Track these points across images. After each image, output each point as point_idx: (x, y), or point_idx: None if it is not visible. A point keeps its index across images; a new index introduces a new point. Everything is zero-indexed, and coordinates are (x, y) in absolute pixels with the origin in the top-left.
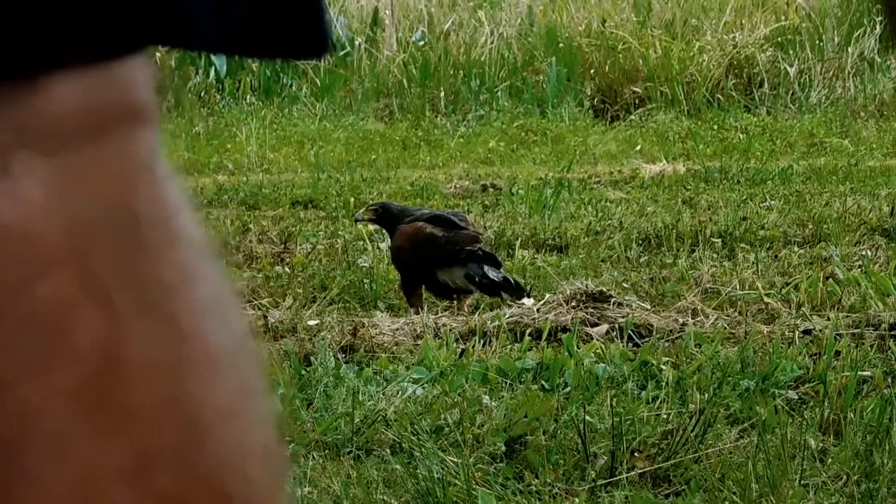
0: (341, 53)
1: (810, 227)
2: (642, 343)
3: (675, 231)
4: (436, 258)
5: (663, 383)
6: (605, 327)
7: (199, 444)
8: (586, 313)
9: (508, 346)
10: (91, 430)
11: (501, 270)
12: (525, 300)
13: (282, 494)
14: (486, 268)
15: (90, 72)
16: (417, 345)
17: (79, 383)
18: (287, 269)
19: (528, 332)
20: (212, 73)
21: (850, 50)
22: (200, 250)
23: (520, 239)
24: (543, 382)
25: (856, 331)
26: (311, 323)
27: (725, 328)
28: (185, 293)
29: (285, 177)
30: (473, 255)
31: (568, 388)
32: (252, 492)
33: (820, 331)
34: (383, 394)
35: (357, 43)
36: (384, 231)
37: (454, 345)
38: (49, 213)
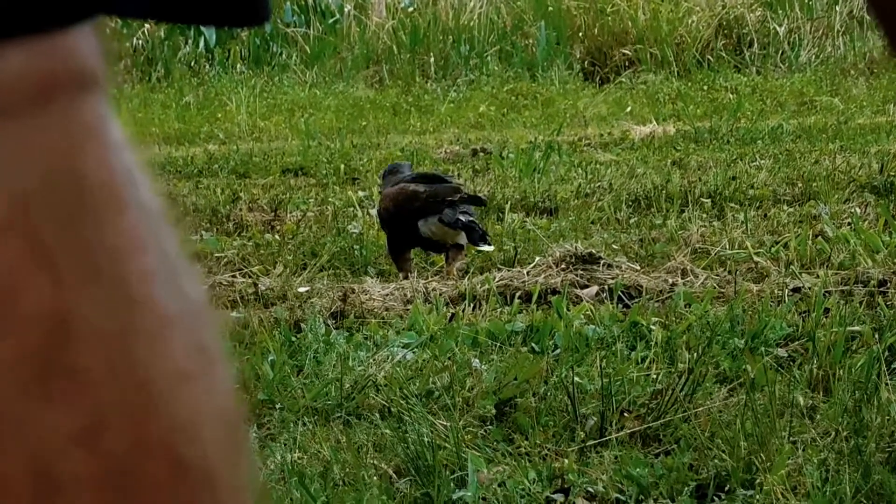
0: (330, 21)
1: (800, 185)
2: (632, 304)
3: (664, 192)
4: (417, 211)
5: (653, 343)
6: (594, 289)
7: (151, 409)
8: (576, 275)
9: (498, 310)
10: (41, 396)
11: (472, 213)
12: (483, 246)
13: (241, 458)
14: (459, 210)
15: (31, 41)
16: (407, 310)
17: (26, 350)
18: (277, 236)
19: (517, 294)
20: (201, 43)
21: (838, 8)
22: (152, 216)
23: (510, 202)
24: (533, 345)
25: (845, 288)
26: (302, 290)
27: (715, 288)
28: (135, 259)
29: (276, 145)
30: (453, 203)
31: (558, 350)
32: (206, 455)
33: (809, 288)
34: (373, 359)
35: (346, 10)
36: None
37: (444, 309)
38: None
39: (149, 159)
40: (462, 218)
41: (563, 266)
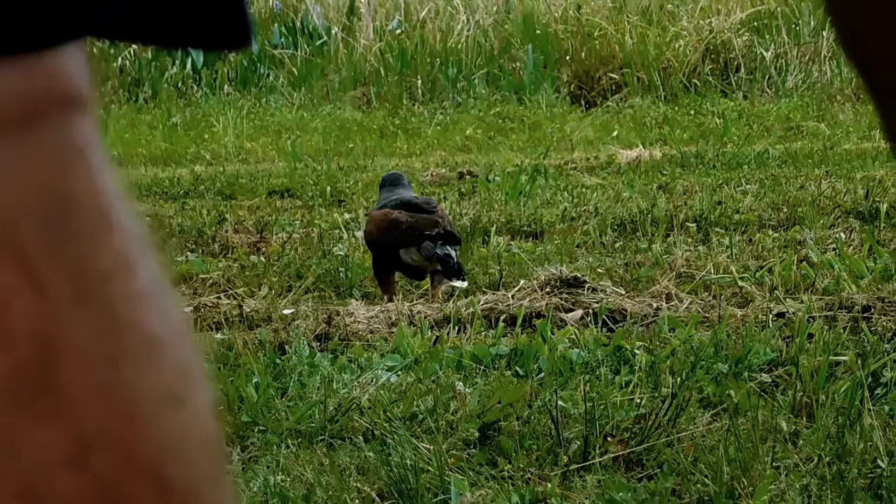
0: (318, 43)
1: (785, 210)
2: (616, 328)
3: (650, 216)
4: (399, 240)
5: (637, 368)
6: (579, 313)
7: (138, 431)
8: (561, 299)
9: (483, 333)
10: (29, 416)
11: (449, 249)
12: (456, 282)
13: (223, 480)
14: (439, 244)
15: (18, 60)
16: (392, 332)
17: (13, 368)
18: (263, 258)
19: (502, 318)
20: (189, 64)
21: (825, 34)
22: (136, 239)
23: (495, 225)
24: (517, 368)
25: (829, 313)
26: (287, 312)
27: (699, 312)
28: (122, 281)
29: (262, 166)
30: (432, 237)
31: (542, 374)
32: (191, 476)
33: (793, 314)
34: (357, 382)
35: (333, 32)
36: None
37: (428, 332)
38: None
39: (134, 180)
40: (439, 251)
41: (547, 290)
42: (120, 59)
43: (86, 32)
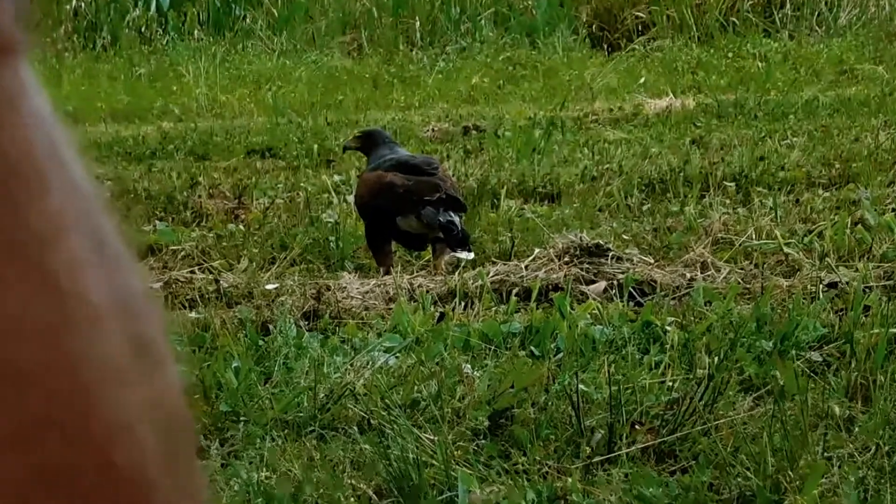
0: None
1: (837, 166)
2: (645, 301)
3: (682, 174)
4: (395, 207)
5: (668, 347)
6: (602, 285)
7: (87, 409)
8: (581, 269)
9: (493, 309)
10: None
11: (453, 215)
12: (461, 253)
13: (187, 468)
14: (441, 211)
15: None
16: (390, 309)
17: None
18: (242, 226)
19: (514, 291)
20: (153, 5)
21: None
22: (82, 199)
23: (506, 187)
24: (532, 348)
25: (888, 283)
26: (270, 287)
27: (739, 283)
28: (62, 245)
29: (239, 122)
30: (433, 202)
31: (560, 354)
32: (145, 462)
33: (847, 284)
34: (351, 365)
35: None
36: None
37: (431, 308)
38: None
39: (93, 139)
40: (441, 219)
41: (566, 259)
42: None
43: None
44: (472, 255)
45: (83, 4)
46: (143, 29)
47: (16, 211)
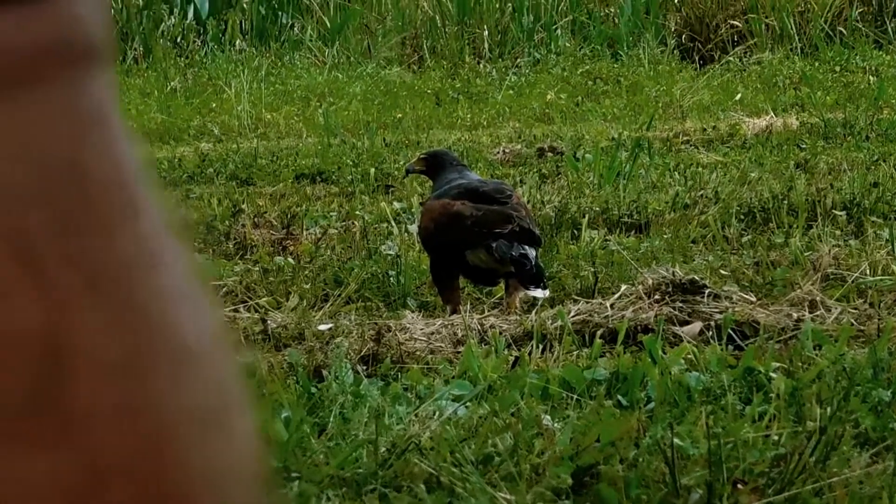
0: None
1: None
2: (746, 345)
3: (786, 202)
4: (463, 240)
5: (773, 396)
6: (697, 326)
7: (164, 457)
8: (673, 308)
9: (574, 353)
10: (29, 440)
11: (527, 249)
12: (535, 291)
13: None
14: (514, 244)
15: (24, 5)
16: (458, 352)
17: (12, 383)
18: (291, 259)
19: (599, 333)
20: (190, 13)
21: None
22: (163, 226)
23: (587, 216)
24: (620, 397)
25: None
26: (323, 327)
27: (852, 324)
28: (147, 274)
29: (286, 143)
30: (505, 235)
31: (651, 404)
32: None
33: None
34: (415, 415)
35: None
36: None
37: (505, 352)
38: None
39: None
40: (514, 253)
41: (656, 297)
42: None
43: None
44: (547, 293)
45: (113, 12)
46: (178, 39)
47: (99, 235)
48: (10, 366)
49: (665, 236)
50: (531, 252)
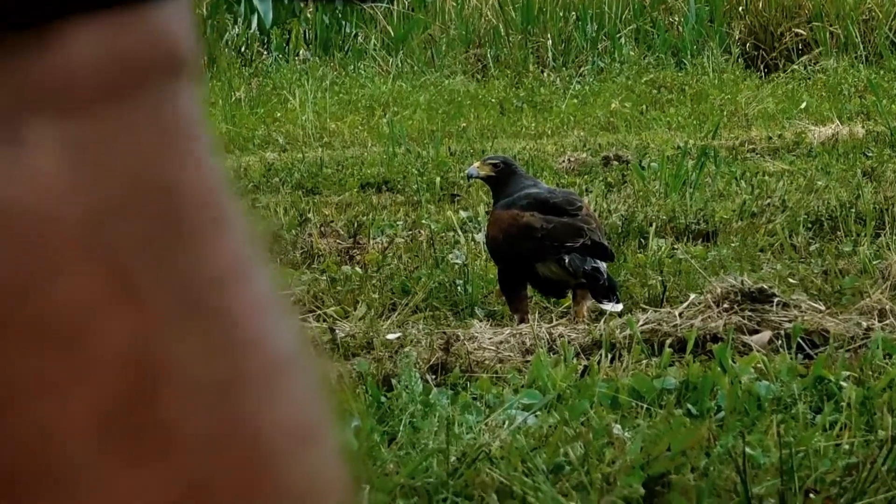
0: None
1: None
2: (816, 354)
3: (853, 211)
4: (533, 252)
5: (844, 405)
6: (767, 335)
7: (261, 475)
8: (742, 317)
9: (644, 362)
10: (123, 459)
11: (599, 263)
12: (608, 305)
13: None
14: (587, 258)
15: (113, 16)
16: (527, 361)
17: (106, 402)
18: (358, 268)
19: (668, 342)
20: (254, 23)
21: None
22: (249, 241)
23: (654, 224)
24: (690, 406)
25: None
26: (391, 337)
27: None
28: (237, 290)
29: (351, 152)
30: (576, 248)
31: (721, 413)
32: None
33: None
34: (486, 424)
35: None
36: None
37: (574, 360)
38: (65, 192)
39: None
40: (586, 267)
41: (725, 306)
42: None
43: None
44: (620, 307)
45: None
46: (243, 49)
47: (189, 251)
48: (107, 387)
49: (733, 245)
50: (602, 265)
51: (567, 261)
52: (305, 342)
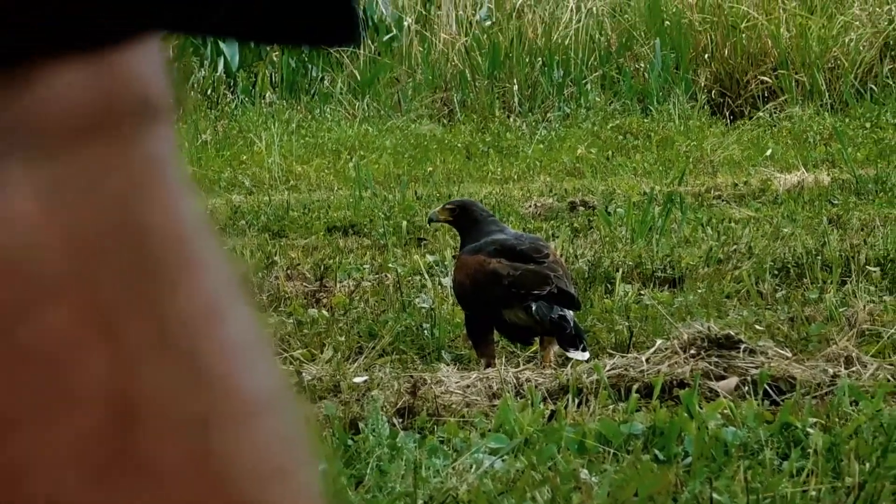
0: (386, 38)
1: None
2: (782, 400)
3: (819, 258)
4: (500, 298)
5: (811, 451)
6: (733, 381)
7: None
8: (709, 363)
9: (611, 407)
10: (100, 492)
11: (566, 311)
12: (574, 353)
13: None
14: (554, 306)
15: (90, 59)
16: (494, 406)
17: (82, 436)
18: (325, 312)
19: (635, 388)
20: (220, 65)
21: None
22: (226, 280)
23: (621, 270)
24: (657, 451)
25: None
26: (358, 380)
27: (889, 380)
28: (211, 329)
29: (318, 196)
30: (542, 296)
31: (689, 459)
32: None
33: None
34: (453, 468)
35: (406, 24)
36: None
37: (541, 405)
38: (45, 231)
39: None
40: (553, 316)
41: (692, 352)
42: None
43: (162, 25)
44: (587, 355)
45: None
46: (209, 91)
47: (165, 290)
48: (85, 422)
49: (699, 291)
50: (569, 314)
51: (534, 308)
52: (283, 382)
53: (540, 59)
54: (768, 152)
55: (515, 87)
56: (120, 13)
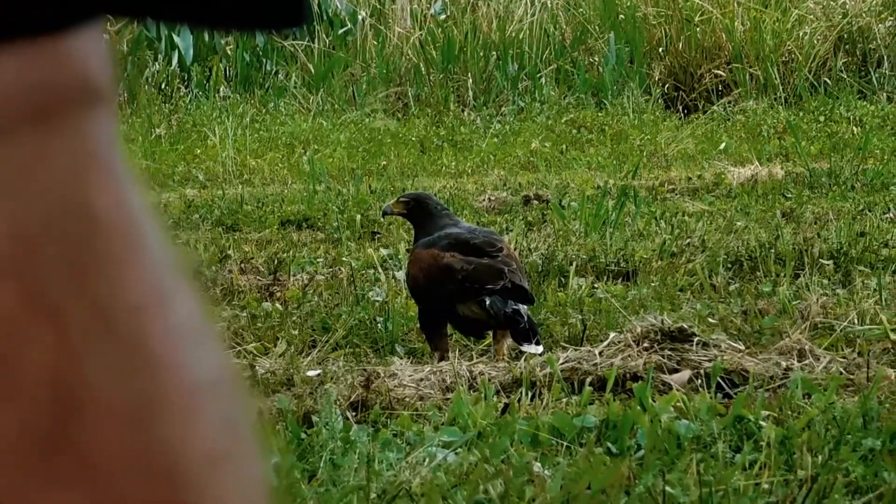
0: (340, 32)
1: None
2: (735, 393)
3: (773, 251)
4: (454, 293)
5: (763, 444)
6: (686, 374)
7: (176, 498)
8: (662, 356)
9: (564, 400)
10: (42, 479)
11: (519, 305)
12: (528, 347)
13: None
14: (508, 301)
15: (30, 45)
16: (447, 399)
17: (24, 422)
18: (278, 305)
19: (588, 381)
20: (174, 59)
21: None
22: (169, 266)
23: (574, 264)
24: (610, 444)
25: None
26: (312, 373)
27: (841, 373)
28: (155, 315)
29: (272, 189)
30: (496, 291)
31: (641, 452)
32: None
33: None
34: (406, 462)
35: (360, 18)
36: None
37: (494, 398)
38: None
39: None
40: (507, 310)
41: (645, 345)
42: None
43: (103, 10)
44: (541, 349)
45: None
46: (163, 85)
47: (108, 277)
48: (27, 408)
49: (652, 284)
50: (523, 308)
51: (488, 303)
52: (229, 369)
53: (494, 53)
54: (722, 146)
55: (470, 81)
56: (59, 1)
